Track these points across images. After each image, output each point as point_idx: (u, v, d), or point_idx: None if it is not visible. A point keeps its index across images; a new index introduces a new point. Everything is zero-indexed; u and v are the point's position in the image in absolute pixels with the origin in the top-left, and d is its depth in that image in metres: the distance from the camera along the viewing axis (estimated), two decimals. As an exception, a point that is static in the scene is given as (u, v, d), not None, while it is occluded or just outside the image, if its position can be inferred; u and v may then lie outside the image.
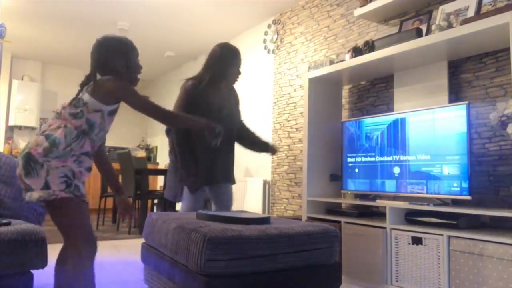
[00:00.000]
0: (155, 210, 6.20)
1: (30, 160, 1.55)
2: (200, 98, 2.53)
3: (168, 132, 2.64)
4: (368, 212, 2.93)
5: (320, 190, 3.20)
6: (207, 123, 1.88)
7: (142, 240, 2.21)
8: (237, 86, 2.77)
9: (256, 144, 2.79)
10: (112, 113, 1.73)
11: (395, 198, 2.76)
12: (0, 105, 6.47)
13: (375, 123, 2.90)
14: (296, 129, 4.15)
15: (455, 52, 2.54)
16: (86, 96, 1.66)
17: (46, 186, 1.55)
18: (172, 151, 2.61)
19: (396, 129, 2.75)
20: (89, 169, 1.69)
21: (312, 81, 3.25)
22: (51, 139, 1.58)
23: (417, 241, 2.34)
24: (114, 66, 1.74)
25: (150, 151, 7.74)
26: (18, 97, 6.62)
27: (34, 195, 1.55)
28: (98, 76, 1.72)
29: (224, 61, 2.57)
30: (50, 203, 1.57)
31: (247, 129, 2.81)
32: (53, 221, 1.63)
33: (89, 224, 1.65)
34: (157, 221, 1.99)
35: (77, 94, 1.73)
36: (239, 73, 2.65)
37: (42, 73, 7.13)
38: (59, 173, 1.57)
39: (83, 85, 1.74)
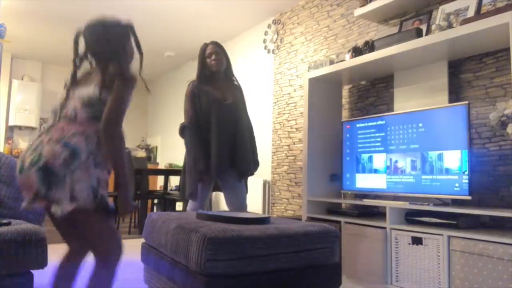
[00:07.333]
0: (155, 210, 6.20)
1: (49, 174, 1.35)
2: (199, 95, 2.73)
3: (182, 132, 2.76)
4: (368, 212, 2.93)
5: (320, 190, 3.20)
6: (126, 187, 1.50)
7: (142, 240, 2.21)
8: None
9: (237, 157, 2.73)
10: None
11: (395, 198, 2.76)
12: (0, 105, 6.47)
13: (375, 123, 2.90)
14: (296, 129, 4.15)
15: (455, 52, 2.54)
16: (97, 91, 1.47)
17: (73, 198, 1.37)
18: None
19: (396, 129, 2.75)
20: (110, 171, 1.54)
21: (312, 81, 3.25)
22: (70, 148, 1.39)
23: (417, 241, 2.34)
24: (120, 54, 1.57)
25: (150, 151, 7.74)
26: (18, 97, 6.62)
27: (65, 207, 1.37)
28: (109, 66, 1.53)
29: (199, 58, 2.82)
30: (76, 216, 1.41)
31: (246, 142, 2.78)
32: (79, 234, 1.51)
33: (115, 230, 1.55)
34: (157, 221, 1.99)
35: (70, 85, 1.56)
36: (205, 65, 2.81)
37: (42, 73, 7.13)
38: (85, 183, 1.40)
39: (74, 75, 1.57)
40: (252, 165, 2.77)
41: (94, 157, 1.45)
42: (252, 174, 2.80)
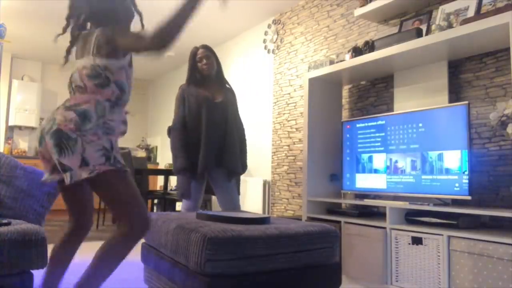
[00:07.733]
0: (155, 210, 6.20)
1: (62, 137, 1.40)
2: (188, 97, 2.78)
3: (169, 134, 2.80)
4: (368, 212, 2.93)
5: (320, 190, 3.20)
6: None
7: (142, 240, 2.21)
8: (237, 86, 2.80)
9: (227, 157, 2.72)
10: (131, 64, 1.57)
11: (395, 198, 2.76)
12: (0, 105, 6.47)
13: (375, 123, 2.90)
14: (296, 129, 4.15)
15: (455, 52, 2.54)
16: (98, 60, 1.50)
17: (85, 163, 1.40)
18: None
19: (396, 129, 2.75)
20: (124, 132, 1.57)
21: (312, 81, 3.25)
22: (81, 112, 1.44)
23: (417, 241, 2.34)
24: (110, 15, 1.56)
25: (150, 151, 7.74)
26: (18, 97, 6.62)
27: (77, 174, 1.40)
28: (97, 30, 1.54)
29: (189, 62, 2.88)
30: (93, 180, 1.43)
31: (235, 142, 2.78)
32: (102, 200, 1.51)
33: (140, 198, 1.51)
34: (157, 221, 1.99)
35: (67, 54, 1.63)
36: (195, 70, 2.86)
37: (42, 73, 7.12)
38: (96, 146, 1.43)
39: (72, 44, 1.64)
40: (239, 164, 2.77)
41: (104, 121, 1.48)
42: (240, 174, 2.80)
